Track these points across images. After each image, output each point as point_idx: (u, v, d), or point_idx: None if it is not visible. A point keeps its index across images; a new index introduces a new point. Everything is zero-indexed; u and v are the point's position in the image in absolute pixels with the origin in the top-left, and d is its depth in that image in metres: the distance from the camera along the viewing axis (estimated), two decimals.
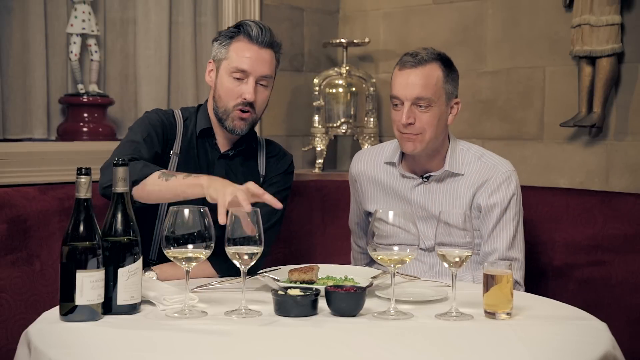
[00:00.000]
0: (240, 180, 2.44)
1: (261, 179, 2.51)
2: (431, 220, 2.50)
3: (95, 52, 3.58)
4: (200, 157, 2.47)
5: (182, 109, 2.57)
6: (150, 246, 2.44)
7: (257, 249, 1.91)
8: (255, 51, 2.40)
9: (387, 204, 2.60)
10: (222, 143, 2.50)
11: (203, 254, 1.91)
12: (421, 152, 2.48)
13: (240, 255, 1.91)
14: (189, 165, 2.44)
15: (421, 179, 2.55)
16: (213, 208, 1.96)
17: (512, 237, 2.48)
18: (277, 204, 2.02)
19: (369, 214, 2.67)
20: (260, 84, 2.43)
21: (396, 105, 2.47)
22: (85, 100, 3.52)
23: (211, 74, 2.48)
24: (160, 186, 2.18)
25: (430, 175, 2.54)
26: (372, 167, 2.66)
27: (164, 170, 2.23)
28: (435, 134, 2.46)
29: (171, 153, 2.45)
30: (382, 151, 2.67)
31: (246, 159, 2.51)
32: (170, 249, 1.90)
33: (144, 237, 2.03)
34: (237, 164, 2.48)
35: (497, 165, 2.53)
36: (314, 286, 2.03)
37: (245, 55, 2.40)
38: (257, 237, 1.91)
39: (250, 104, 2.41)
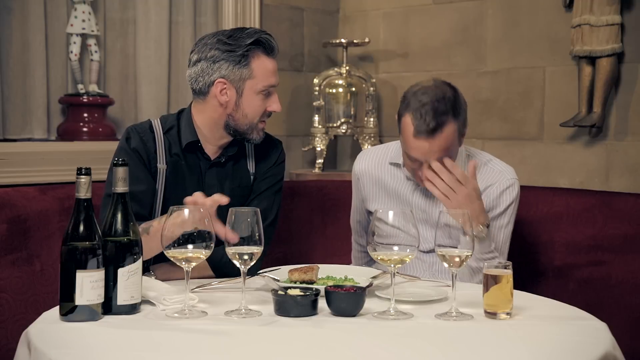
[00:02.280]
0: (232, 184, 2.44)
1: (252, 177, 2.50)
2: (431, 223, 2.49)
3: (95, 52, 3.58)
4: (190, 168, 2.42)
5: (162, 118, 2.49)
6: None
7: (257, 249, 1.91)
8: (273, 63, 2.39)
9: (388, 204, 2.60)
10: (212, 151, 2.45)
11: (203, 254, 1.91)
12: None
13: (240, 255, 1.91)
14: (178, 178, 2.40)
15: None
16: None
17: (500, 243, 2.48)
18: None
19: (370, 212, 2.67)
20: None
21: (414, 160, 2.42)
22: (85, 100, 3.53)
23: (227, 93, 2.37)
24: (146, 244, 2.04)
25: None
26: (376, 166, 2.65)
27: (143, 225, 2.12)
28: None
29: (158, 166, 2.39)
30: (387, 151, 2.66)
31: (236, 161, 2.49)
32: (170, 249, 1.90)
33: None
34: (229, 168, 2.45)
35: (504, 172, 2.53)
36: (314, 286, 2.03)
37: (270, 70, 2.38)
38: (257, 237, 1.91)
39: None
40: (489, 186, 2.50)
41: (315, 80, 3.95)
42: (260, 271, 2.20)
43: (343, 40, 3.95)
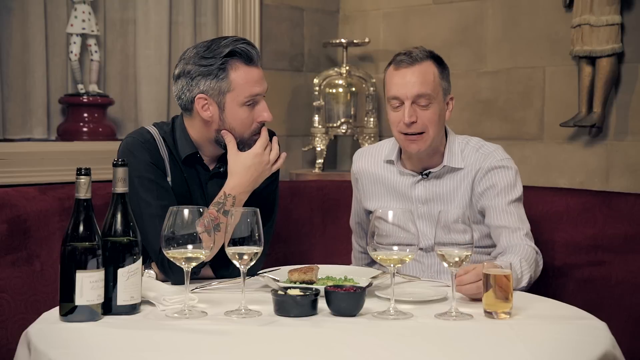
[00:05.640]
0: None
1: None
2: (431, 218, 2.50)
3: (95, 52, 3.58)
4: (189, 179, 2.37)
5: (156, 125, 2.41)
6: None
7: (257, 249, 1.91)
8: (255, 71, 2.30)
9: (387, 201, 2.60)
10: (209, 161, 2.41)
11: (203, 254, 1.91)
12: (425, 151, 2.48)
13: (240, 255, 1.90)
14: (183, 190, 2.35)
15: (421, 176, 2.55)
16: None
17: (518, 214, 2.48)
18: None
19: (369, 212, 2.67)
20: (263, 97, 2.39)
21: (396, 106, 2.47)
22: (85, 100, 3.53)
23: (209, 109, 2.29)
24: (219, 239, 2.05)
25: (429, 172, 2.54)
26: (373, 164, 2.66)
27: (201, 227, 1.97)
28: (437, 131, 2.47)
29: (167, 179, 2.34)
30: (381, 149, 2.67)
31: None
32: (170, 249, 1.90)
33: None
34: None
35: (494, 153, 2.54)
36: (314, 286, 2.03)
37: (251, 80, 2.29)
38: (257, 237, 1.91)
39: None
40: (480, 168, 2.51)
41: (315, 80, 3.95)
42: (260, 271, 2.20)
43: (343, 40, 3.95)
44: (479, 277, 2.00)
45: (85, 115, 3.54)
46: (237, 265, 1.92)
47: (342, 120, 3.94)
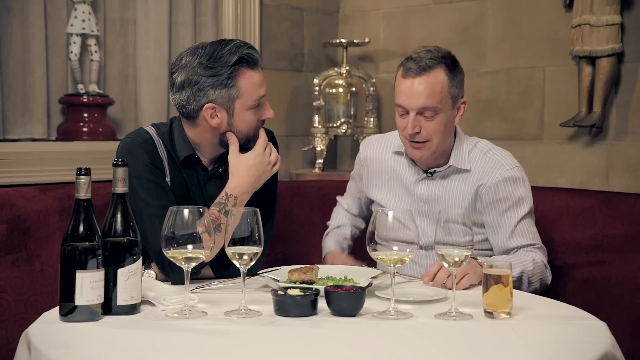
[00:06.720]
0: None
1: None
2: (432, 216, 2.49)
3: (95, 52, 3.58)
4: (188, 180, 2.37)
5: (154, 126, 2.41)
6: None
7: (257, 249, 1.91)
8: (258, 74, 2.32)
9: (391, 192, 2.59)
10: (207, 162, 2.41)
11: (203, 254, 1.91)
12: (429, 158, 2.47)
13: (240, 255, 1.91)
14: (182, 190, 2.35)
15: (425, 174, 2.54)
16: None
17: (528, 231, 2.48)
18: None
19: (372, 202, 2.67)
20: None
21: (401, 114, 2.44)
22: (85, 100, 3.53)
23: (218, 116, 2.29)
24: (220, 239, 2.05)
25: (434, 171, 2.53)
26: (382, 153, 2.64)
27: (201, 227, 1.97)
28: (442, 140, 2.44)
29: (167, 180, 2.34)
30: (391, 140, 2.65)
31: None
32: (170, 249, 1.90)
33: None
34: (228, 177, 2.42)
35: (502, 161, 2.51)
36: (314, 286, 2.03)
37: (256, 83, 2.30)
38: (257, 237, 1.91)
39: None
40: (489, 179, 2.48)
41: (315, 80, 3.95)
42: (261, 271, 2.20)
43: (343, 40, 3.95)
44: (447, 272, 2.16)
45: (85, 115, 3.54)
46: (237, 265, 1.93)
47: (342, 120, 3.95)
